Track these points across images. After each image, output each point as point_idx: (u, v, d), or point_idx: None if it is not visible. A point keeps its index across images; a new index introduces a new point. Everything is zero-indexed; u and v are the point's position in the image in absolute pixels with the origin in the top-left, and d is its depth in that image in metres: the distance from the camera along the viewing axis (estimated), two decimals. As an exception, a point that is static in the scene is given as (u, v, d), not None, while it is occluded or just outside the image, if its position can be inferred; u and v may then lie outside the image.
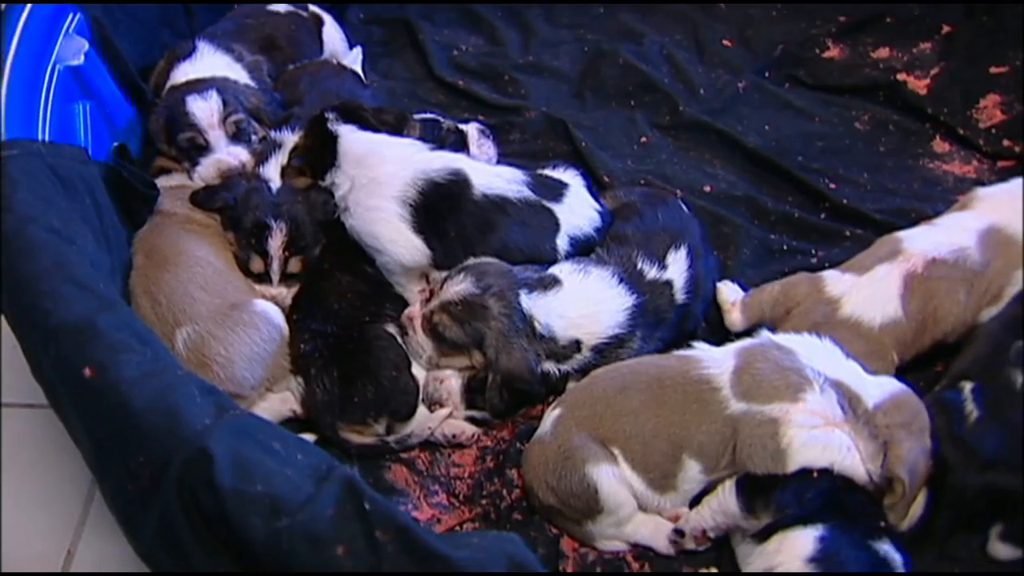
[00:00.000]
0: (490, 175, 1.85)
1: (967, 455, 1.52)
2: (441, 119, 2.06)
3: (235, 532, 1.13)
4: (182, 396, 1.25)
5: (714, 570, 1.53)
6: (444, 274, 1.76)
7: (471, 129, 2.07)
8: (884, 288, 1.72)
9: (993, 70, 2.37)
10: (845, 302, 1.73)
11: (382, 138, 1.87)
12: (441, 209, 1.80)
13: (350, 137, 1.86)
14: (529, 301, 1.70)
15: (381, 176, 1.81)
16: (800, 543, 1.43)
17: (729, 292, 1.88)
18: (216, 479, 1.14)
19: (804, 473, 1.50)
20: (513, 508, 1.64)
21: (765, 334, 1.63)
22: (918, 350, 1.74)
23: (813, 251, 2.01)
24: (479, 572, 1.05)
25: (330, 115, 1.88)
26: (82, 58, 1.89)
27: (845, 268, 1.80)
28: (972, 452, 1.51)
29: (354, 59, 2.41)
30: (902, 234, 1.81)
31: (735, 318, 1.82)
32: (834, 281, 1.76)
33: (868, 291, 1.73)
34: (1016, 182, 1.85)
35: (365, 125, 1.89)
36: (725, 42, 2.57)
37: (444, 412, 1.74)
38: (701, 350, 1.63)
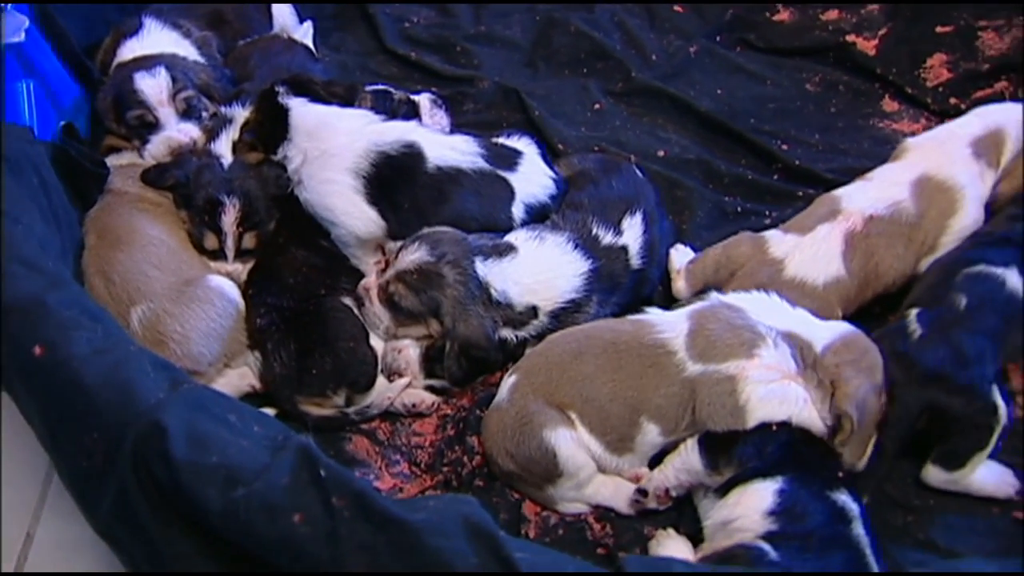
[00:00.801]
0: (444, 146, 1.85)
1: (909, 369, 1.55)
2: (393, 90, 2.04)
3: (191, 504, 1.13)
4: (135, 371, 1.25)
5: (671, 531, 1.54)
6: (400, 244, 1.76)
7: (423, 99, 2.06)
8: (826, 248, 1.74)
9: (939, 29, 2.39)
10: (789, 263, 1.74)
11: (333, 110, 1.86)
12: (395, 180, 1.80)
13: (301, 110, 1.84)
14: (485, 268, 1.71)
15: (334, 148, 1.80)
16: (760, 496, 1.45)
17: (678, 258, 1.89)
18: (170, 452, 1.14)
19: (764, 427, 1.52)
20: (474, 475, 1.65)
21: (714, 295, 1.64)
22: (860, 304, 1.77)
23: (767, 212, 2.03)
24: (435, 533, 1.06)
25: (280, 88, 1.87)
26: (23, 35, 1.85)
27: (787, 228, 1.81)
28: (913, 365, 1.55)
29: (305, 33, 2.39)
30: (840, 192, 1.83)
31: (680, 286, 1.84)
32: (777, 242, 1.78)
33: (811, 251, 1.74)
34: (941, 128, 1.89)
35: (316, 98, 1.88)
36: (676, 8, 2.57)
37: (403, 382, 1.75)
38: (655, 314, 1.65)
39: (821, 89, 2.35)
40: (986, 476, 1.58)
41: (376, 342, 1.77)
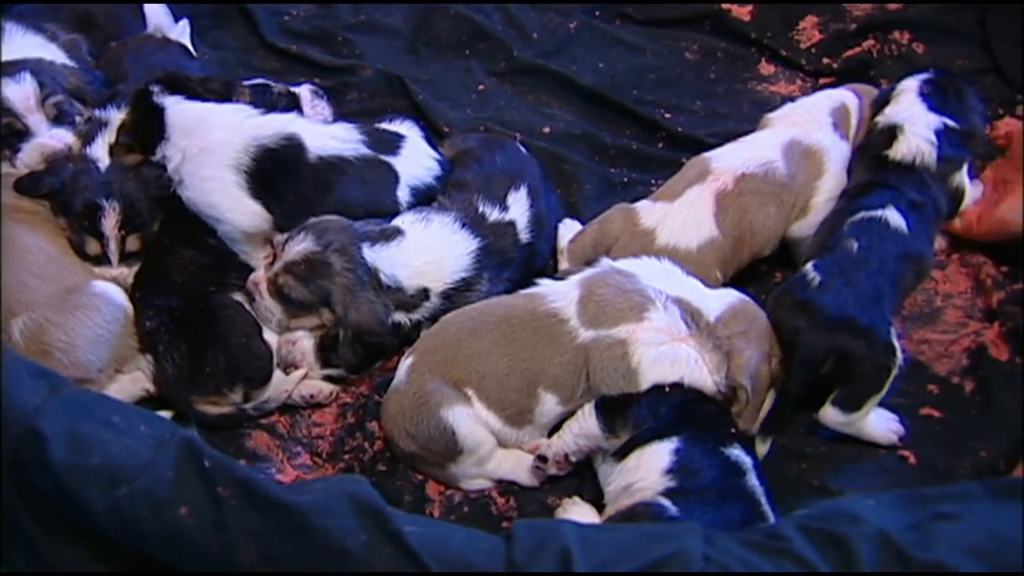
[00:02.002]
0: (324, 136, 1.83)
1: (813, 315, 1.58)
2: (271, 84, 2.02)
3: (74, 507, 1.11)
4: (9, 379, 1.21)
5: (576, 498, 1.56)
6: (286, 236, 1.75)
7: (303, 91, 2.05)
8: (697, 211, 1.77)
9: (809, -7, 2.47)
10: (660, 232, 1.77)
11: (210, 106, 1.83)
12: (277, 173, 1.78)
13: (177, 108, 1.82)
14: (372, 254, 1.70)
15: (212, 144, 1.78)
16: (657, 457, 1.48)
17: (565, 233, 1.91)
18: (49, 457, 1.12)
19: (657, 389, 1.55)
20: (376, 460, 1.65)
21: (605, 261, 1.66)
22: (739, 265, 1.80)
23: (653, 180, 2.05)
24: (322, 513, 1.06)
25: (154, 88, 1.84)
26: None
27: (656, 196, 1.84)
28: (817, 311, 1.58)
29: (181, 32, 2.36)
30: (709, 154, 1.86)
31: (564, 266, 1.84)
32: (647, 212, 1.80)
33: (681, 217, 1.77)
34: (798, 102, 1.96)
35: (191, 95, 1.85)
36: (556, -15, 2.60)
37: (299, 374, 1.73)
38: (545, 285, 1.66)
39: (700, 57, 2.40)
40: (876, 422, 1.63)
41: (270, 336, 1.75)
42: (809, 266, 1.65)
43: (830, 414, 1.61)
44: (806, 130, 1.86)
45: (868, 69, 2.28)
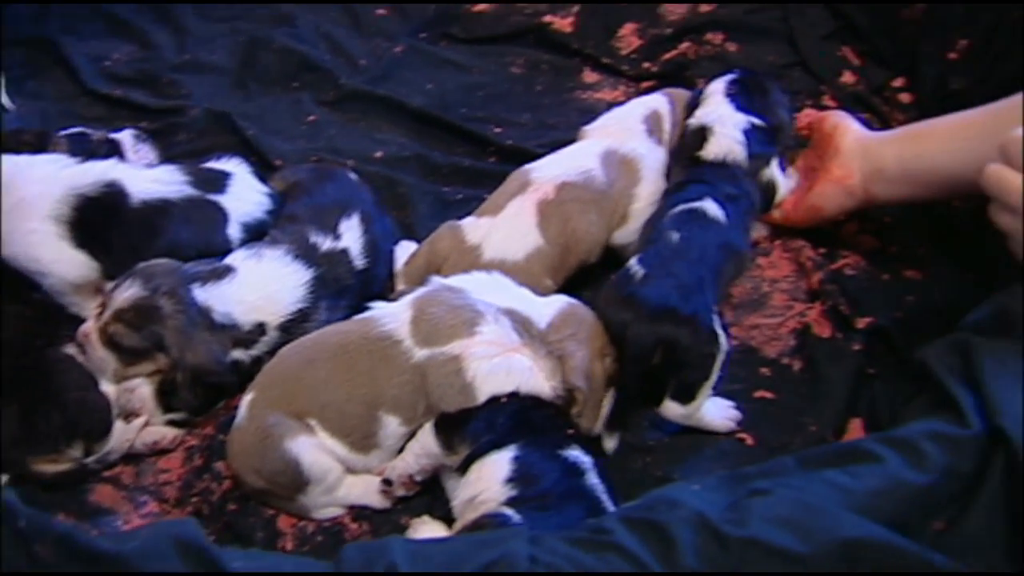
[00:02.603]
0: (146, 180, 1.81)
1: (638, 308, 1.62)
2: (89, 131, 1.99)
3: None
4: None
5: (425, 517, 1.58)
6: (113, 284, 1.72)
7: (125, 136, 2.02)
8: (520, 222, 1.80)
9: (625, 2, 2.54)
10: (486, 246, 1.79)
11: (24, 159, 1.79)
12: (100, 221, 1.76)
13: (-13, 165, 1.78)
14: (203, 293, 1.69)
15: (29, 197, 1.74)
16: (496, 467, 1.50)
17: (401, 256, 1.93)
18: None
19: (494, 401, 1.57)
20: (226, 500, 1.63)
21: (435, 279, 1.68)
22: (568, 272, 1.84)
23: (486, 196, 2.05)
24: (147, 558, 1.05)
25: (-39, 148, 1.80)
26: None
27: (481, 212, 1.87)
28: (641, 304, 1.62)
29: (-6, 86, 2.30)
30: (530, 166, 1.90)
31: (399, 288, 1.86)
32: (472, 228, 1.83)
33: (505, 229, 1.80)
34: (612, 113, 2.01)
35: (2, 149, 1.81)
36: (380, 11, 2.62)
37: (140, 421, 1.70)
38: (378, 309, 1.67)
39: (525, 71, 2.46)
40: (714, 411, 1.69)
41: (107, 386, 1.72)
42: (633, 260, 1.70)
43: (670, 407, 1.66)
44: (621, 139, 1.92)
45: (685, 70, 2.36)
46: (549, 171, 1.86)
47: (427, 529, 1.54)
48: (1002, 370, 1.27)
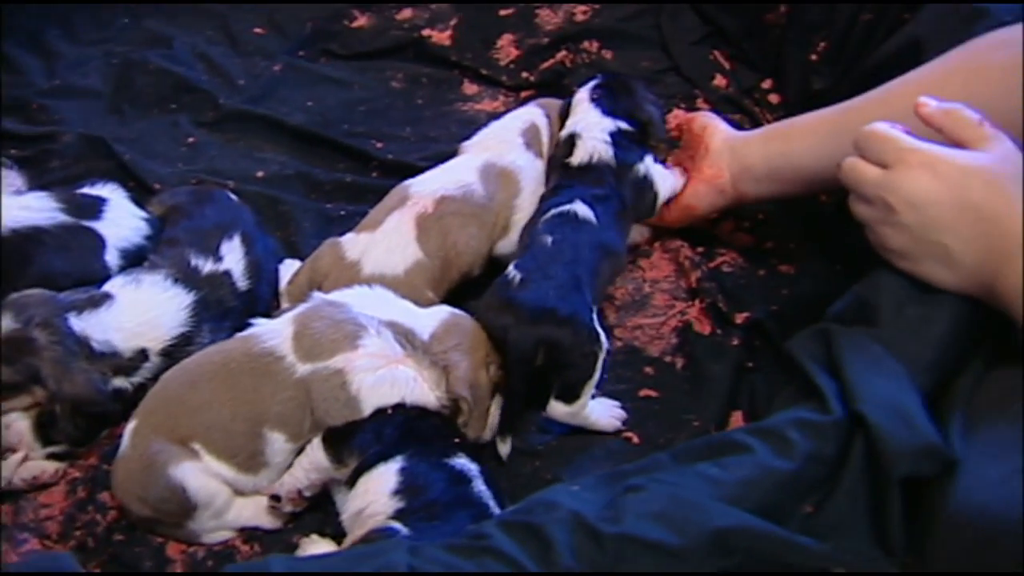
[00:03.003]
0: (15, 207, 1.77)
1: (517, 312, 1.65)
2: (-48, 163, 1.95)
3: None
4: None
5: (314, 536, 1.57)
6: (-14, 318, 1.68)
7: (-11, 165, 1.98)
8: (399, 236, 1.81)
9: (502, 13, 2.59)
10: (365, 262, 1.80)
11: None
12: (-33, 253, 1.72)
13: None
14: (80, 322, 1.66)
15: None
16: (383, 479, 1.51)
17: (285, 274, 1.92)
18: None
19: (379, 412, 1.58)
20: (112, 531, 1.60)
21: (316, 294, 1.68)
22: (450, 284, 1.86)
23: (369, 211, 2.07)
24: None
25: None
26: None
27: (360, 227, 1.88)
28: (521, 307, 1.65)
29: None
30: (409, 181, 1.92)
31: (284, 307, 1.83)
32: (351, 244, 1.84)
33: (384, 244, 1.81)
34: (490, 128, 2.03)
35: None
36: (256, 30, 2.60)
37: (17, 457, 1.66)
38: (259, 325, 1.66)
39: (405, 85, 2.47)
40: (599, 411, 1.72)
41: (-18, 424, 1.68)
42: (511, 266, 1.73)
43: (555, 408, 1.69)
44: (499, 152, 1.94)
45: (563, 78, 2.41)
46: (428, 186, 1.87)
47: (316, 547, 1.54)
48: (860, 357, 1.33)
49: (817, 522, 1.23)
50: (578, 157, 1.88)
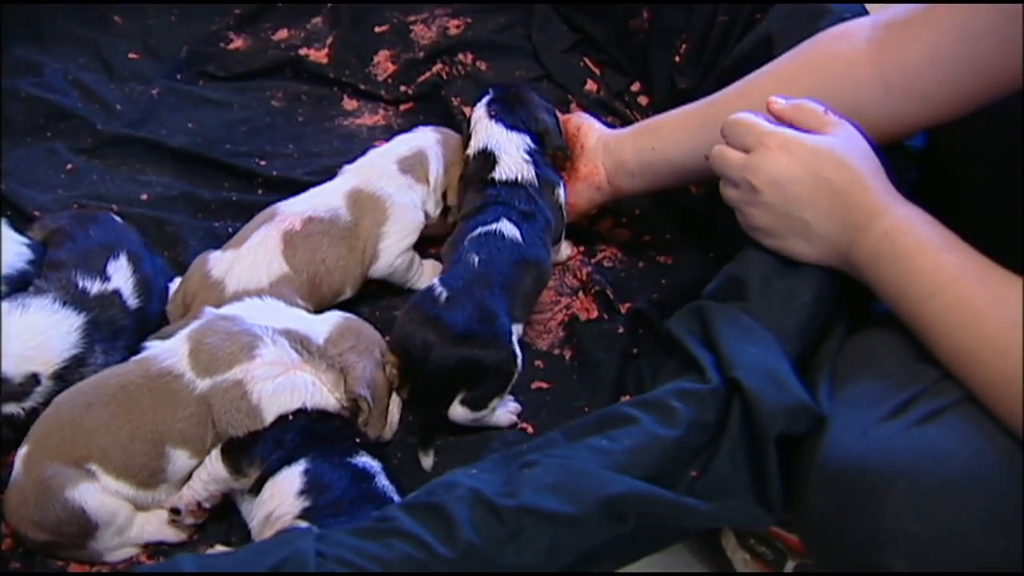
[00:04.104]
0: None
1: (441, 331, 1.67)
2: None
3: None
4: None
5: (218, 546, 1.58)
6: None
7: None
8: (264, 250, 1.83)
9: (377, 30, 2.64)
10: (228, 280, 1.81)
11: None
12: None
13: None
14: (-33, 351, 1.64)
15: None
16: (288, 482, 1.54)
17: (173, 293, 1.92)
18: None
19: (281, 419, 1.61)
20: (7, 560, 1.59)
21: (208, 310, 1.70)
22: (321, 301, 1.88)
23: (256, 227, 2.11)
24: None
25: None
26: None
27: (227, 245, 1.89)
28: (445, 327, 1.67)
29: None
30: (279, 204, 1.94)
31: (172, 327, 1.83)
32: (216, 263, 1.84)
33: (249, 260, 1.82)
34: (370, 153, 2.03)
35: None
36: (131, 55, 2.58)
37: (-95, 490, 1.64)
38: (154, 347, 1.67)
39: (286, 103, 2.49)
40: (499, 410, 1.77)
41: None
42: (436, 281, 1.76)
43: (459, 412, 1.73)
44: (369, 179, 1.95)
45: (440, 90, 2.47)
46: (297, 206, 1.90)
47: (220, 556, 1.56)
48: (733, 329, 1.42)
49: (703, 484, 1.31)
50: (503, 174, 1.90)
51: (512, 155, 1.91)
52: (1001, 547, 1.11)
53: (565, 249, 2.05)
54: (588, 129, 2.01)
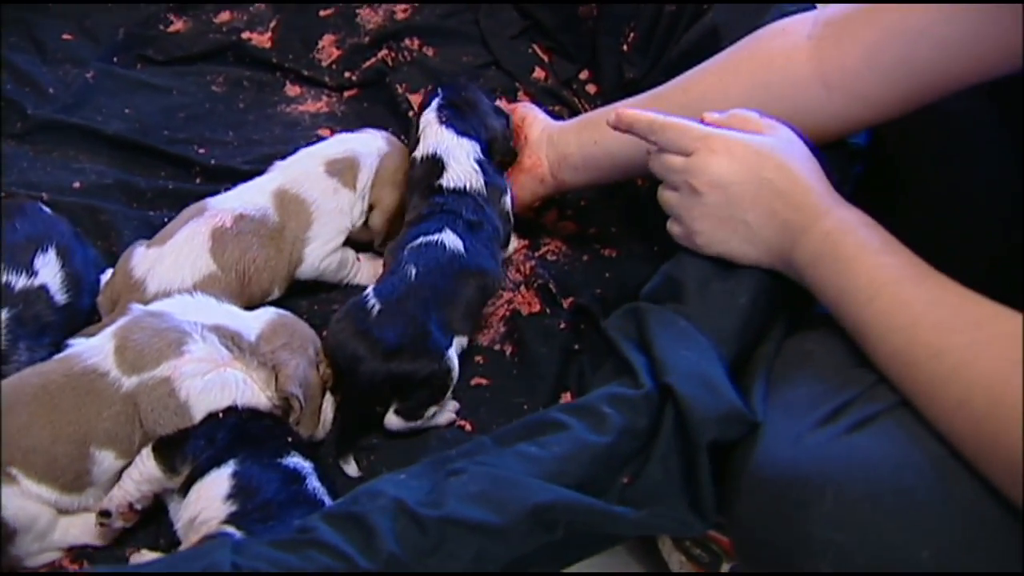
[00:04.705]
0: None
1: (373, 346, 1.64)
2: None
3: None
4: None
5: (144, 551, 1.55)
6: None
7: None
8: (191, 248, 1.78)
9: (322, 14, 2.58)
10: (150, 280, 1.76)
11: None
12: None
13: None
14: None
15: None
16: (215, 485, 1.49)
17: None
18: None
19: (211, 417, 1.57)
20: (-70, 565, 1.55)
21: (135, 306, 1.65)
22: (251, 301, 1.83)
23: (189, 217, 2.06)
24: None
25: None
26: None
27: (152, 241, 1.83)
28: (376, 342, 1.64)
29: None
30: (209, 199, 1.88)
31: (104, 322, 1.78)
32: (139, 261, 1.79)
33: (173, 258, 1.77)
34: (305, 149, 1.98)
35: None
36: (66, 36, 2.50)
37: None
38: (78, 344, 1.62)
39: (226, 89, 2.42)
40: (437, 413, 1.74)
41: None
42: (370, 290, 1.72)
43: (393, 421, 1.70)
44: (295, 179, 1.89)
45: (385, 77, 2.42)
46: (227, 202, 1.85)
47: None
48: (668, 332, 1.40)
49: (635, 491, 1.29)
50: (451, 181, 1.84)
51: (462, 163, 1.86)
52: (926, 556, 1.10)
53: (512, 242, 2.02)
54: (533, 120, 1.98)
